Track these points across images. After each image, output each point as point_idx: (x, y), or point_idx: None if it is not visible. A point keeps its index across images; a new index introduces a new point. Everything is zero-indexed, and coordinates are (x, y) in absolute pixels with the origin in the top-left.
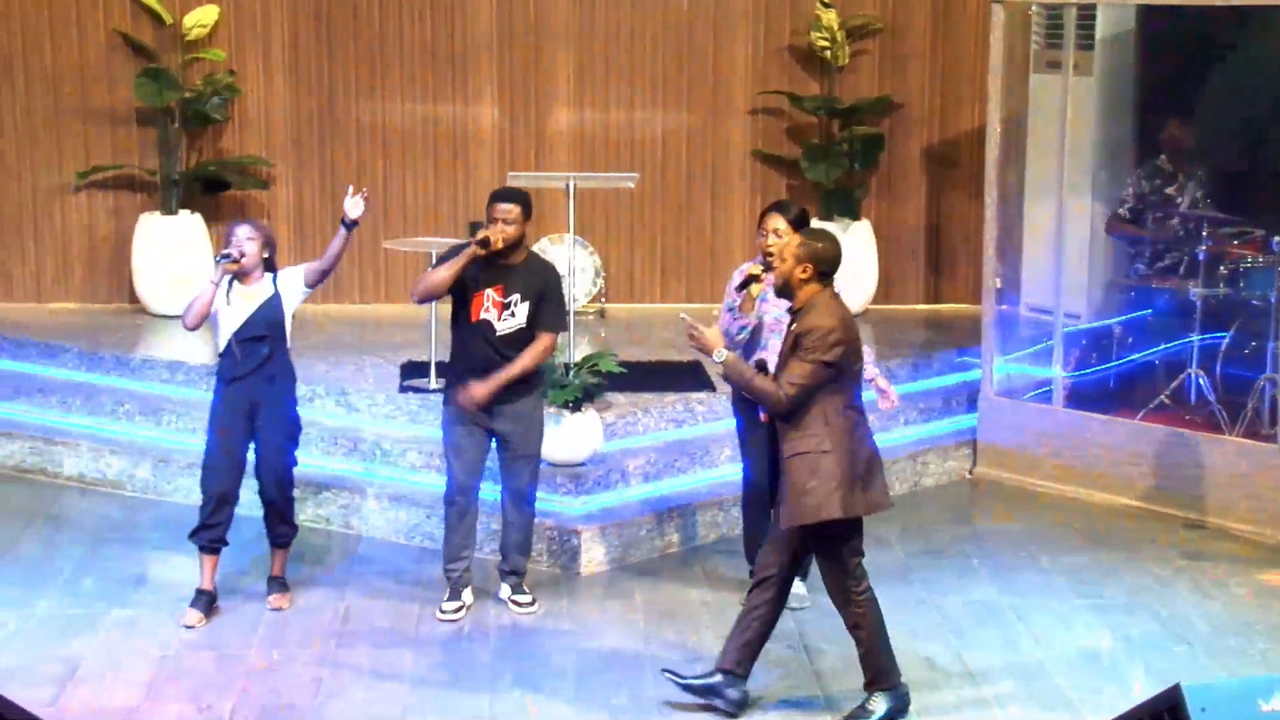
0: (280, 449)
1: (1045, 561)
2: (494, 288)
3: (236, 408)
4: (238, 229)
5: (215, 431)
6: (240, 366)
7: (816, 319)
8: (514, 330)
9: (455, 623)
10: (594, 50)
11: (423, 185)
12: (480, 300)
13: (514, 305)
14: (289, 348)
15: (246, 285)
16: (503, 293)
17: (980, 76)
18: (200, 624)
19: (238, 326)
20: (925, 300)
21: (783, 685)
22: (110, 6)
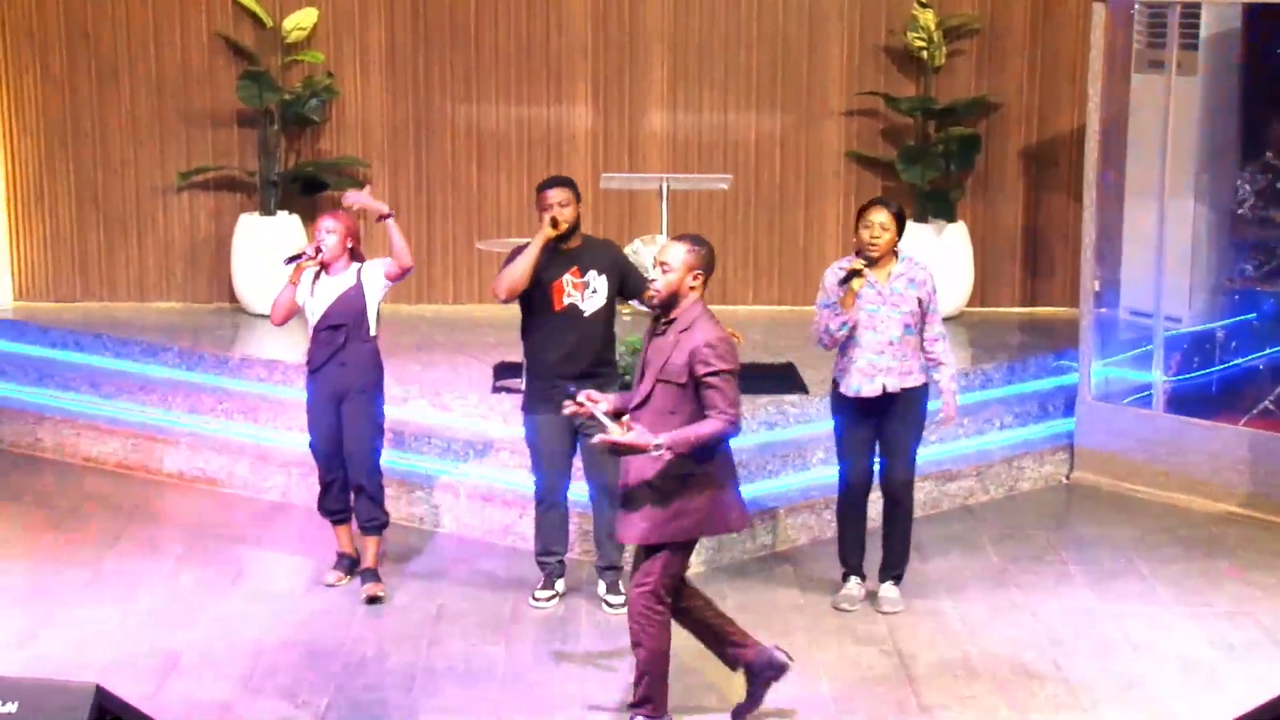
0: (362, 437)
1: (1144, 568)
2: (569, 271)
3: (323, 396)
4: (322, 222)
5: (310, 419)
6: (318, 356)
7: (708, 333)
8: (599, 308)
9: (546, 611)
10: (688, 52)
11: (516, 187)
12: (560, 288)
13: (593, 281)
14: (374, 338)
15: (331, 276)
16: (579, 274)
17: (1080, 76)
18: (341, 582)
19: (320, 314)
20: (1022, 303)
21: (877, 690)
22: (213, 10)
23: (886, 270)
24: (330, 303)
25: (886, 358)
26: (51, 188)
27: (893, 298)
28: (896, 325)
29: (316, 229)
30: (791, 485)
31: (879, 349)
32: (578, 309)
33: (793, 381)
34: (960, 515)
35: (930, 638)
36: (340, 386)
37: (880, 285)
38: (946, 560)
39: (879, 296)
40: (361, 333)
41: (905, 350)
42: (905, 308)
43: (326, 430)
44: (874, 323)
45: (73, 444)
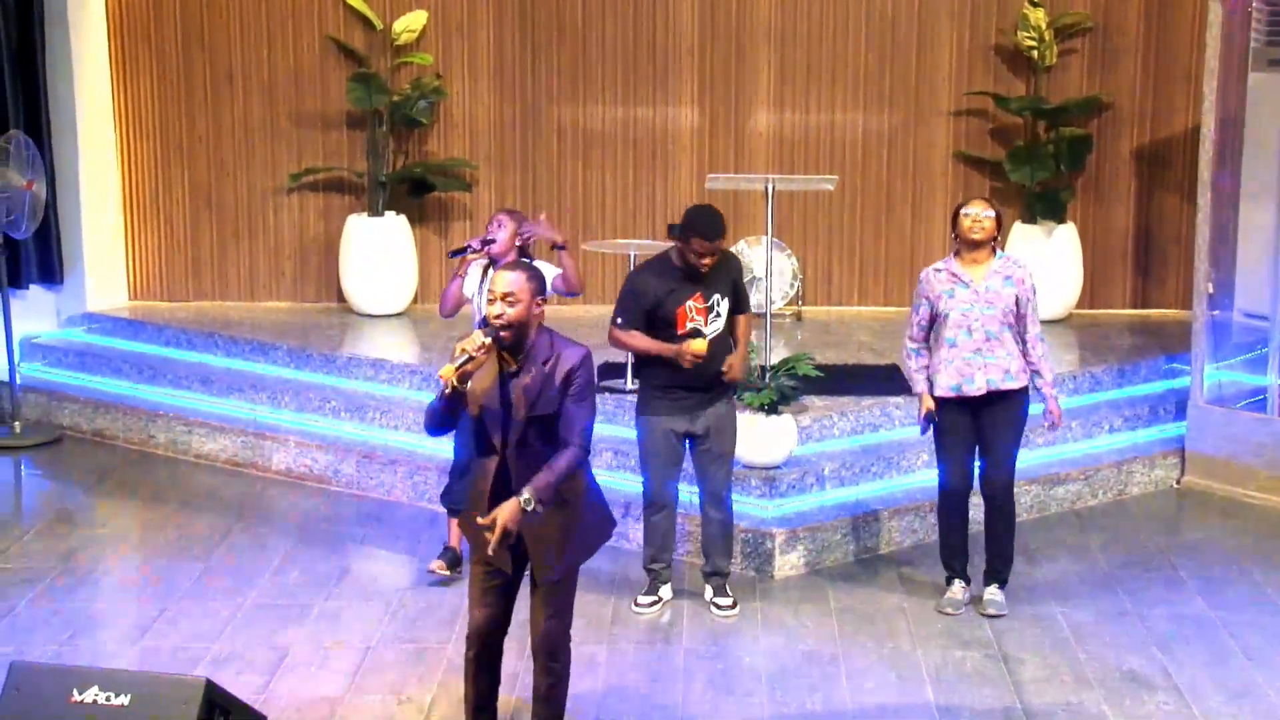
0: None
1: (1258, 575)
2: (694, 297)
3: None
4: (497, 216)
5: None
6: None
7: (576, 352)
8: (720, 330)
9: (649, 617)
10: (795, 51)
11: (622, 187)
12: (684, 314)
13: (716, 305)
14: None
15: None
16: (703, 299)
17: (1195, 75)
18: (442, 571)
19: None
20: (1132, 305)
21: (981, 694)
22: (324, 13)
23: (984, 267)
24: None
25: (983, 356)
26: (167, 190)
27: (988, 295)
28: (993, 323)
29: (492, 221)
30: (896, 487)
31: (975, 347)
32: (700, 333)
33: (897, 383)
34: (1068, 519)
35: (1036, 643)
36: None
37: (976, 284)
38: (1053, 565)
39: (974, 295)
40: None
41: (1005, 349)
42: (1001, 305)
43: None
44: (968, 323)
45: (184, 441)
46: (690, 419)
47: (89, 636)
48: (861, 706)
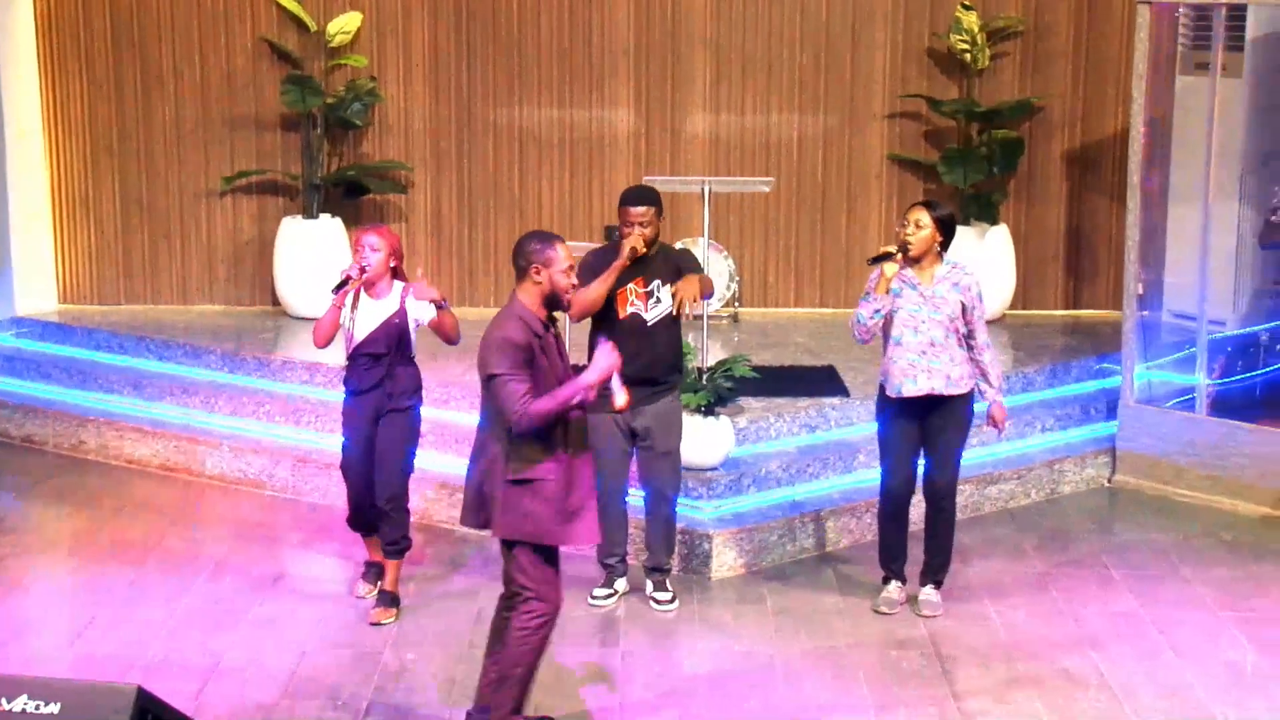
0: (395, 456)
1: (1188, 573)
2: (634, 281)
3: (361, 415)
4: (365, 238)
5: (345, 437)
6: (360, 382)
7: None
8: (663, 316)
9: (606, 609)
10: (730, 54)
11: (558, 189)
12: (624, 297)
13: (657, 291)
14: (413, 356)
15: (373, 297)
16: (644, 283)
17: (1124, 79)
18: (371, 594)
19: (360, 339)
20: (1064, 306)
21: (917, 694)
22: (257, 15)
23: (930, 272)
24: (373, 328)
25: (927, 359)
26: (96, 192)
27: (934, 300)
28: (938, 328)
29: (359, 246)
30: (833, 488)
31: (920, 349)
32: (640, 318)
33: (834, 384)
34: (1001, 518)
35: (971, 641)
36: (380, 405)
37: (923, 287)
38: (988, 564)
39: (921, 298)
40: (404, 356)
41: (949, 354)
42: (946, 311)
43: (363, 445)
44: (915, 323)
45: (116, 446)
46: (632, 414)
47: (19, 644)
48: (798, 706)
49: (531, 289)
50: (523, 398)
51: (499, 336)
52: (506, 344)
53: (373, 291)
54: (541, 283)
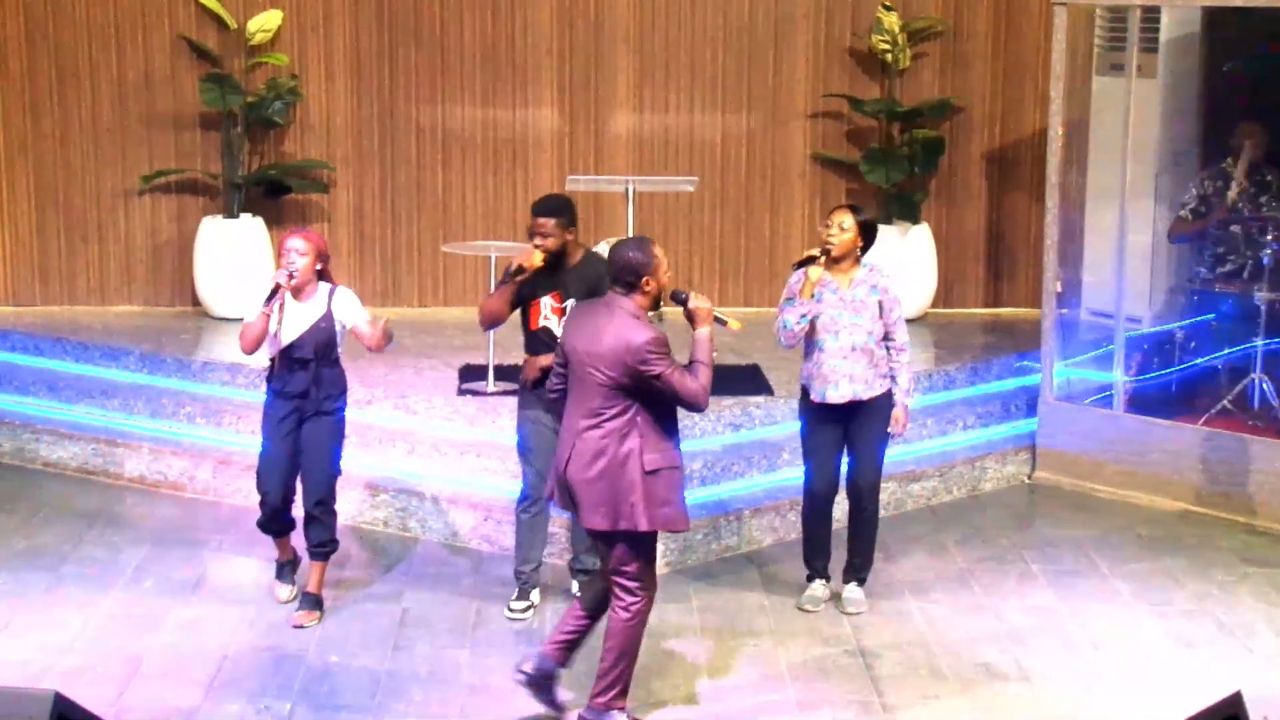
0: (322, 457)
1: (1106, 567)
2: (551, 294)
3: (283, 417)
4: (289, 242)
5: (265, 437)
6: (287, 384)
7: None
8: None
9: (523, 621)
10: (654, 53)
11: (482, 189)
12: (537, 309)
13: (569, 308)
14: (339, 357)
15: (299, 300)
16: (560, 298)
17: (1043, 79)
18: (292, 597)
19: (286, 344)
20: (985, 304)
21: (841, 690)
22: (175, 12)
23: (849, 276)
24: (301, 332)
25: (849, 363)
26: (11, 192)
27: (854, 304)
28: (859, 331)
29: (284, 251)
30: (757, 487)
31: (842, 354)
32: (551, 333)
33: (758, 383)
34: (924, 516)
35: (894, 638)
36: (305, 409)
37: (842, 291)
38: (910, 561)
39: (841, 302)
40: (330, 358)
41: (870, 357)
42: (866, 314)
43: (284, 448)
44: (836, 327)
45: (32, 449)
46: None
47: None
48: (724, 705)
49: (641, 298)
50: (690, 378)
51: (652, 338)
52: (661, 342)
53: (299, 295)
54: (651, 291)
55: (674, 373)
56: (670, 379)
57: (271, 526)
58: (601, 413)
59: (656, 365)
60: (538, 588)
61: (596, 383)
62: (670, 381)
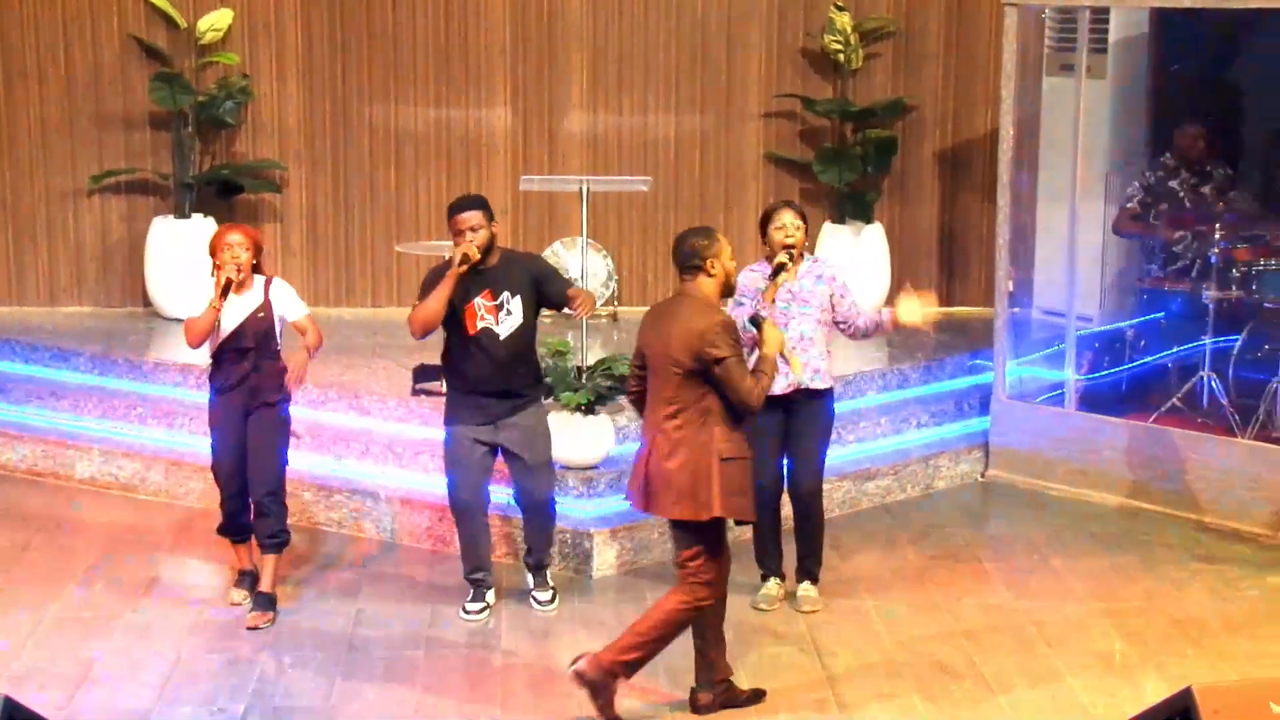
0: (269, 449)
1: (1059, 564)
2: (481, 294)
3: (229, 413)
4: (230, 238)
5: (213, 436)
6: (226, 378)
7: None
8: (517, 329)
9: (479, 623)
10: (608, 53)
11: (435, 189)
12: (473, 311)
13: (507, 303)
14: (279, 350)
15: (237, 293)
16: (492, 296)
17: (994, 79)
18: (247, 600)
19: (226, 334)
20: (937, 303)
21: (797, 688)
22: (124, 11)
23: (795, 269)
24: (239, 322)
25: (797, 353)
26: None
27: (802, 295)
28: (808, 321)
29: (224, 247)
30: None
31: (789, 345)
32: (492, 332)
33: None
34: (879, 514)
35: (849, 636)
36: (248, 402)
37: (790, 285)
38: (865, 559)
39: (789, 294)
40: (270, 350)
41: (817, 348)
42: (815, 304)
43: (233, 443)
44: (785, 319)
45: None
46: (494, 429)
47: None
48: (680, 703)
49: (707, 281)
50: (751, 379)
51: (720, 321)
52: (729, 328)
53: (238, 289)
54: (716, 273)
55: (736, 364)
56: (730, 368)
57: (231, 528)
58: (679, 403)
59: (720, 349)
60: (493, 589)
61: (672, 373)
62: (729, 371)
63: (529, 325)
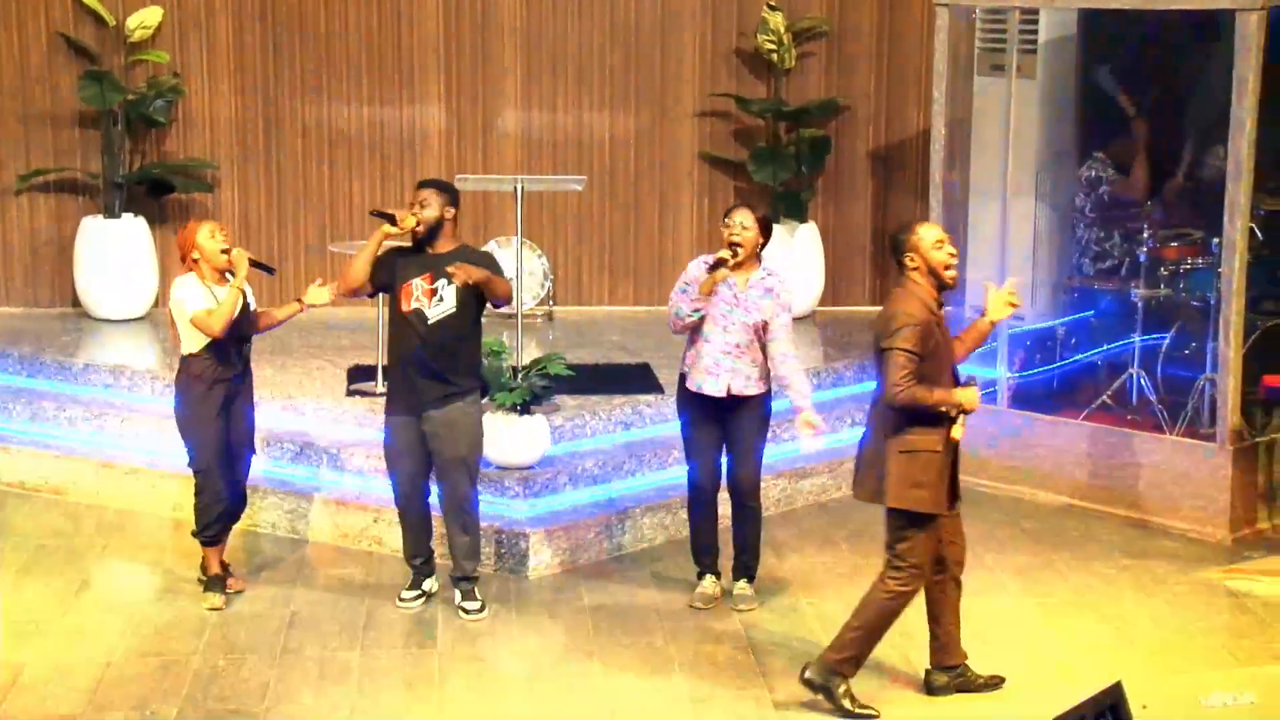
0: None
1: (991, 561)
2: (422, 276)
3: (212, 408)
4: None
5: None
6: (230, 366)
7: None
8: (445, 315)
9: (414, 611)
10: (542, 52)
11: (369, 188)
12: (409, 290)
13: (441, 290)
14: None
15: (220, 286)
16: (430, 279)
17: (925, 79)
18: (225, 605)
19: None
20: (872, 301)
21: (733, 687)
22: (51, 8)
23: (747, 276)
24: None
25: (731, 359)
26: None
27: (746, 303)
28: (746, 331)
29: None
30: (648, 485)
31: (725, 349)
32: (422, 314)
33: (648, 382)
34: (814, 512)
35: (785, 634)
36: (230, 391)
37: (738, 289)
38: (801, 557)
39: (734, 299)
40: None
41: (750, 356)
42: (756, 315)
43: (217, 440)
44: (726, 322)
45: None
46: (420, 418)
47: None
48: (616, 703)
49: (912, 273)
50: (908, 374)
51: (901, 311)
52: (908, 319)
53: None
54: (916, 264)
55: (901, 359)
56: (890, 358)
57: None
58: (877, 390)
59: (891, 340)
60: (432, 577)
61: (879, 359)
62: (889, 360)
63: (461, 316)
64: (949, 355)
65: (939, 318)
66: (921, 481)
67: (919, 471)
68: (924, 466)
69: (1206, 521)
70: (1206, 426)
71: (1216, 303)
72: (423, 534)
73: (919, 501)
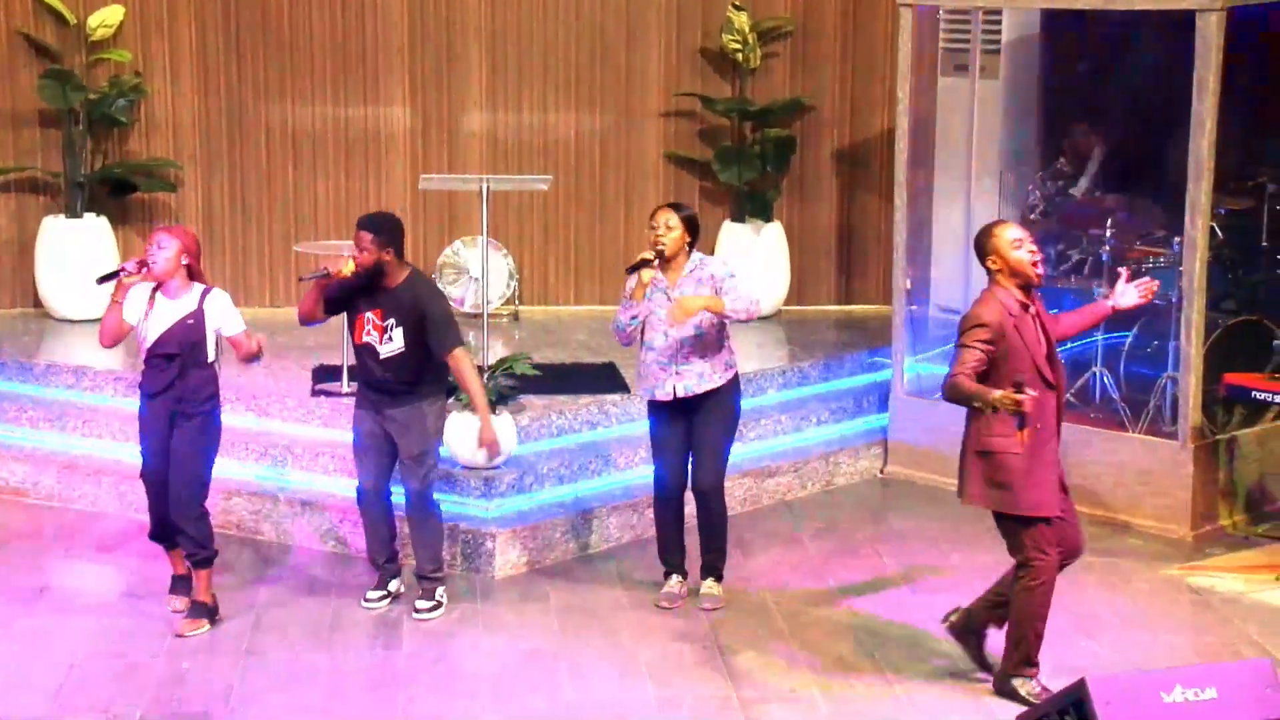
0: (189, 467)
1: (957, 560)
2: (374, 311)
3: (155, 420)
4: (156, 235)
5: (141, 443)
6: (153, 383)
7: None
8: (395, 354)
9: (379, 612)
10: (507, 51)
11: (334, 188)
12: (362, 323)
13: (390, 330)
14: (212, 363)
15: (169, 297)
16: (381, 316)
17: (890, 79)
18: (185, 606)
19: (152, 340)
20: (837, 301)
21: (700, 686)
22: (11, 6)
23: (676, 275)
24: (166, 328)
25: (677, 363)
26: None
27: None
28: (688, 328)
29: (151, 242)
30: (614, 484)
31: (669, 353)
32: (374, 349)
33: (614, 381)
34: (779, 510)
35: (751, 633)
36: (173, 410)
37: (671, 290)
38: (767, 555)
39: (668, 300)
40: (199, 359)
41: (700, 352)
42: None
43: (160, 452)
44: (665, 326)
45: None
46: (380, 416)
47: None
48: (583, 703)
49: (995, 275)
50: (962, 367)
51: (973, 312)
52: (975, 320)
53: (167, 292)
54: (997, 266)
55: (963, 354)
56: (961, 357)
57: (161, 535)
58: None
59: (963, 335)
60: (397, 578)
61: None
62: (958, 356)
63: (410, 354)
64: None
65: (1026, 317)
66: (1001, 482)
67: (995, 472)
68: (999, 467)
69: (1169, 518)
70: (1169, 424)
71: (1178, 301)
72: (385, 533)
73: (998, 502)
